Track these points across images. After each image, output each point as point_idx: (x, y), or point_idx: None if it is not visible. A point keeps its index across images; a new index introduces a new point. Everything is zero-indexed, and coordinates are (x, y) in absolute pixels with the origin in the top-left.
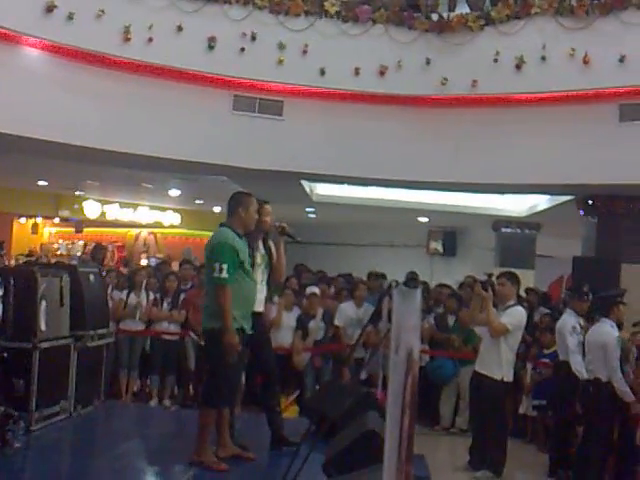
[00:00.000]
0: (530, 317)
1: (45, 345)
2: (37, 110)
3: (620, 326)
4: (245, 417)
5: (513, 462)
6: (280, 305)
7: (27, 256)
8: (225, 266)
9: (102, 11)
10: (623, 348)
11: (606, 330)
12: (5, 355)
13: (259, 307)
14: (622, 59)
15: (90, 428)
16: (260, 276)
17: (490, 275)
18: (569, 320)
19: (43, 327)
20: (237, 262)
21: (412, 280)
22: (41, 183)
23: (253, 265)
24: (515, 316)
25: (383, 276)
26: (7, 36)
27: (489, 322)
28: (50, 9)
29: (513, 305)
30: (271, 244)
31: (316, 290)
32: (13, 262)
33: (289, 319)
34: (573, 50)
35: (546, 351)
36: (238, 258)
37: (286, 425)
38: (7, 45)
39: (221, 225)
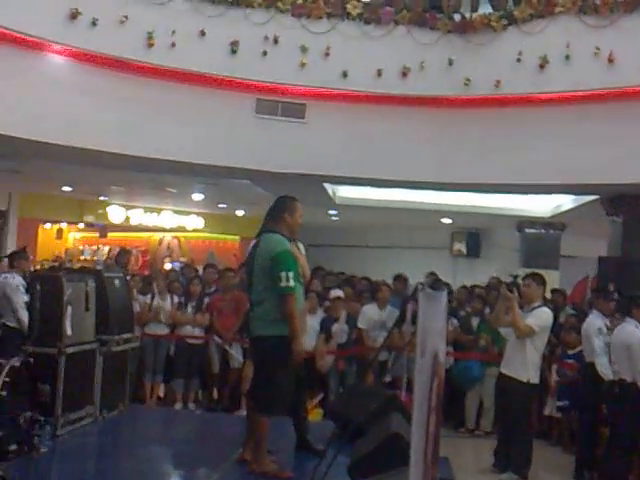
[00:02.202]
0: (556, 318)
1: (71, 350)
2: (61, 116)
3: None
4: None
5: (538, 464)
6: (304, 308)
7: (53, 261)
8: (291, 274)
9: (125, 17)
10: None
11: (630, 330)
12: (31, 360)
13: None
14: None
15: (115, 432)
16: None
17: (516, 276)
18: (595, 321)
19: (69, 332)
20: (297, 269)
21: (437, 282)
22: (65, 189)
23: None
24: (541, 317)
25: (405, 279)
26: (32, 43)
27: (515, 323)
28: (74, 16)
29: (539, 306)
30: (300, 245)
31: (340, 293)
32: (38, 267)
33: (313, 322)
34: (597, 49)
35: (570, 351)
36: (298, 265)
37: (311, 428)
38: (32, 52)
39: (271, 231)
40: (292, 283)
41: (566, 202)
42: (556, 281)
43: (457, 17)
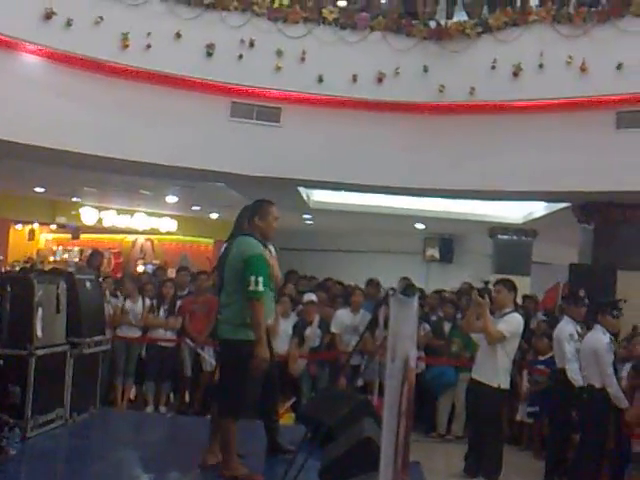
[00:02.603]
0: (527, 324)
1: (41, 352)
2: (35, 116)
3: (616, 335)
4: (240, 424)
5: (509, 469)
6: (277, 312)
7: (24, 263)
8: (261, 279)
9: (100, 18)
10: (616, 353)
11: (597, 337)
12: (1, 362)
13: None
14: (619, 66)
15: (86, 435)
16: None
17: (487, 282)
18: (566, 327)
19: (39, 334)
20: (268, 274)
21: (409, 288)
22: (38, 189)
23: None
24: (512, 323)
25: (378, 283)
26: (5, 42)
27: (485, 329)
28: (49, 16)
29: (510, 312)
30: (271, 248)
31: (313, 297)
32: (9, 269)
33: (286, 326)
34: (570, 58)
35: (541, 357)
36: (269, 269)
37: (282, 432)
38: (5, 51)
39: (244, 234)
40: (261, 288)
41: (538, 209)
42: (527, 287)
43: (432, 24)
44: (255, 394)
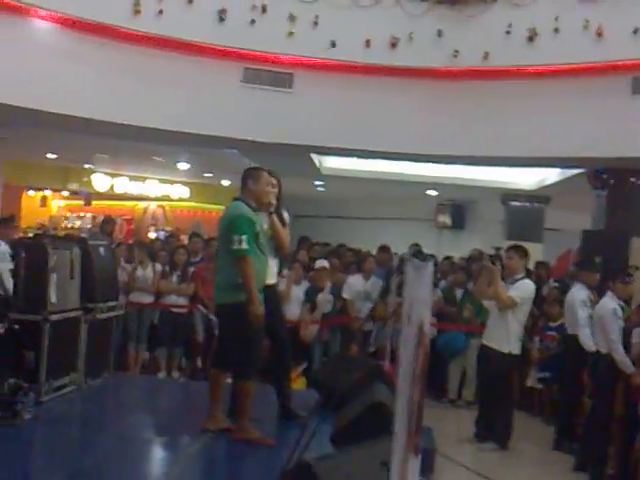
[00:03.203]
0: (539, 290)
1: (55, 317)
2: (47, 83)
3: (627, 301)
4: (254, 389)
5: (519, 434)
6: (289, 278)
7: (37, 229)
8: (245, 237)
9: None
10: (627, 320)
11: (604, 303)
12: (16, 327)
13: (271, 279)
14: (636, 31)
15: (99, 400)
16: (268, 249)
17: (498, 249)
18: (579, 293)
19: (53, 299)
20: (254, 234)
21: (420, 253)
22: (50, 156)
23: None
24: (523, 289)
25: (389, 250)
26: (16, 8)
27: (497, 295)
28: None
29: (521, 278)
30: (284, 215)
31: (325, 264)
32: (22, 235)
33: (298, 292)
34: (587, 22)
35: (552, 324)
36: (255, 230)
37: (294, 397)
38: (17, 17)
39: (235, 199)
40: (245, 246)
41: (551, 175)
42: (540, 254)
43: None
44: (258, 353)
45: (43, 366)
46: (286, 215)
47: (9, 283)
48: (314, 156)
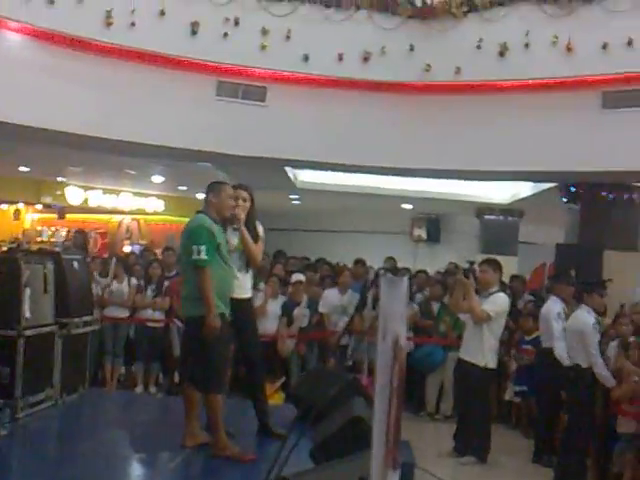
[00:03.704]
0: (514, 303)
1: (29, 332)
2: (18, 95)
3: (602, 313)
4: (230, 403)
5: (498, 448)
6: (266, 293)
7: (10, 243)
8: (203, 248)
9: None
10: (604, 333)
11: (583, 317)
12: None
13: (244, 293)
14: (605, 46)
15: (76, 415)
16: (238, 262)
17: (472, 263)
18: (554, 306)
19: (27, 314)
20: (214, 245)
21: (395, 268)
22: (23, 169)
23: (229, 251)
24: (498, 303)
25: (365, 264)
26: None
27: (472, 309)
28: None
29: (496, 292)
30: (259, 228)
31: (301, 277)
32: None
33: (274, 306)
34: (556, 37)
35: (527, 337)
36: (215, 241)
37: (272, 412)
38: None
39: (197, 212)
40: (204, 256)
41: (525, 189)
42: (514, 267)
43: (418, 2)
44: (222, 367)
45: (18, 382)
46: (260, 229)
47: None
48: (289, 170)
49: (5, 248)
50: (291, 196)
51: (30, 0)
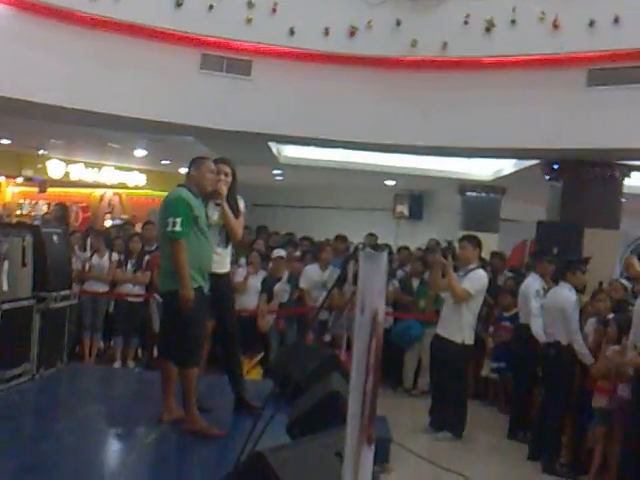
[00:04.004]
0: (494, 280)
1: (7, 306)
2: (1, 66)
3: (581, 290)
4: (208, 379)
5: (473, 424)
6: (247, 268)
7: None
8: (179, 220)
9: None
10: (582, 310)
11: (564, 294)
12: None
13: (223, 268)
14: (592, 23)
15: (53, 390)
16: (218, 237)
17: (450, 242)
18: (533, 283)
19: (5, 288)
20: (191, 217)
21: (378, 244)
22: (3, 142)
23: (209, 225)
24: (477, 280)
25: (346, 239)
26: None
27: (451, 288)
28: None
29: (475, 268)
30: (240, 204)
31: (282, 253)
32: None
33: (255, 282)
34: (543, 14)
35: (506, 314)
36: (192, 213)
37: (250, 387)
38: None
39: (177, 186)
40: (178, 228)
41: (507, 166)
42: (495, 244)
43: None
44: (198, 341)
45: None
46: (242, 204)
47: None
48: (272, 145)
49: None
50: (274, 171)
51: None
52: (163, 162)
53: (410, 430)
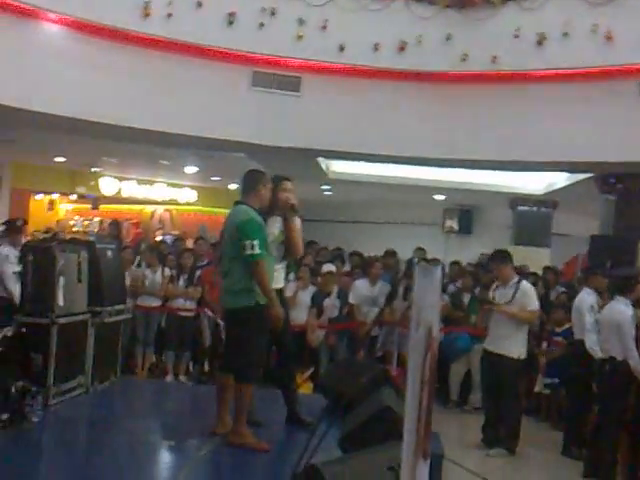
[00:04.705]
0: (547, 296)
1: (63, 321)
2: (56, 86)
3: (635, 305)
4: (261, 394)
5: (527, 440)
6: (296, 283)
7: (44, 233)
8: (256, 242)
9: None
10: (638, 326)
11: (620, 309)
12: (24, 331)
13: (279, 284)
14: None
15: (107, 403)
16: (276, 252)
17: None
18: (587, 298)
19: (61, 303)
20: (265, 238)
21: (428, 259)
22: (58, 159)
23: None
24: (531, 293)
25: (396, 255)
26: (27, 11)
27: (519, 318)
28: None
29: (518, 282)
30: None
31: (332, 268)
32: (30, 238)
33: (304, 296)
34: (595, 26)
35: (558, 329)
36: (265, 234)
37: (301, 401)
38: (27, 20)
39: (238, 203)
40: (257, 250)
41: (559, 180)
42: (547, 259)
43: None
44: (262, 358)
45: (51, 369)
46: (298, 220)
47: (14, 286)
48: (321, 160)
49: (40, 238)
50: (323, 187)
51: None
52: (213, 178)
53: (462, 446)
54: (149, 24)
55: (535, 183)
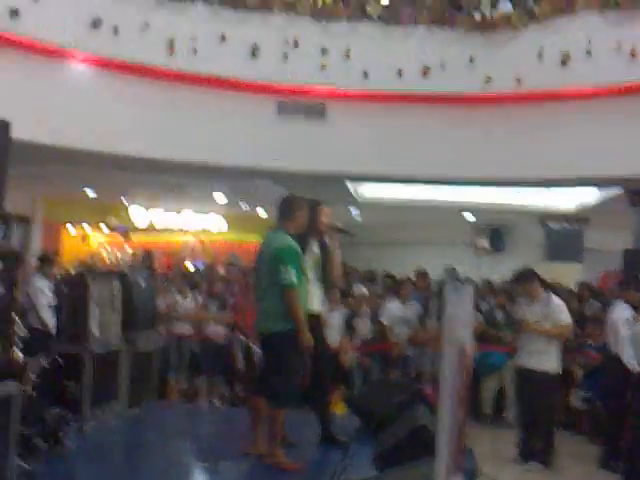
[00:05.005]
0: (580, 310)
1: (98, 350)
2: (85, 122)
3: None
4: (295, 414)
5: (564, 454)
6: (329, 304)
7: (78, 265)
8: (293, 270)
9: (146, 24)
10: None
11: None
12: (60, 360)
13: (316, 307)
14: None
15: (141, 428)
16: (312, 276)
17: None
18: (623, 312)
19: (96, 332)
20: (301, 266)
21: (459, 278)
22: (89, 193)
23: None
24: (562, 308)
25: (427, 275)
26: (55, 51)
27: (554, 336)
28: (96, 24)
29: (547, 297)
30: (331, 244)
31: (364, 289)
32: (63, 271)
33: (335, 318)
34: (619, 44)
35: (593, 343)
36: (301, 262)
37: (335, 421)
38: (56, 60)
39: (275, 229)
40: (293, 277)
41: (590, 197)
42: (580, 274)
43: (477, 15)
44: (298, 383)
45: (86, 397)
46: (335, 244)
47: (48, 317)
48: (349, 184)
49: (73, 271)
50: (352, 210)
51: (95, 31)
52: (242, 206)
53: (495, 461)
54: (175, 59)
55: (565, 200)
